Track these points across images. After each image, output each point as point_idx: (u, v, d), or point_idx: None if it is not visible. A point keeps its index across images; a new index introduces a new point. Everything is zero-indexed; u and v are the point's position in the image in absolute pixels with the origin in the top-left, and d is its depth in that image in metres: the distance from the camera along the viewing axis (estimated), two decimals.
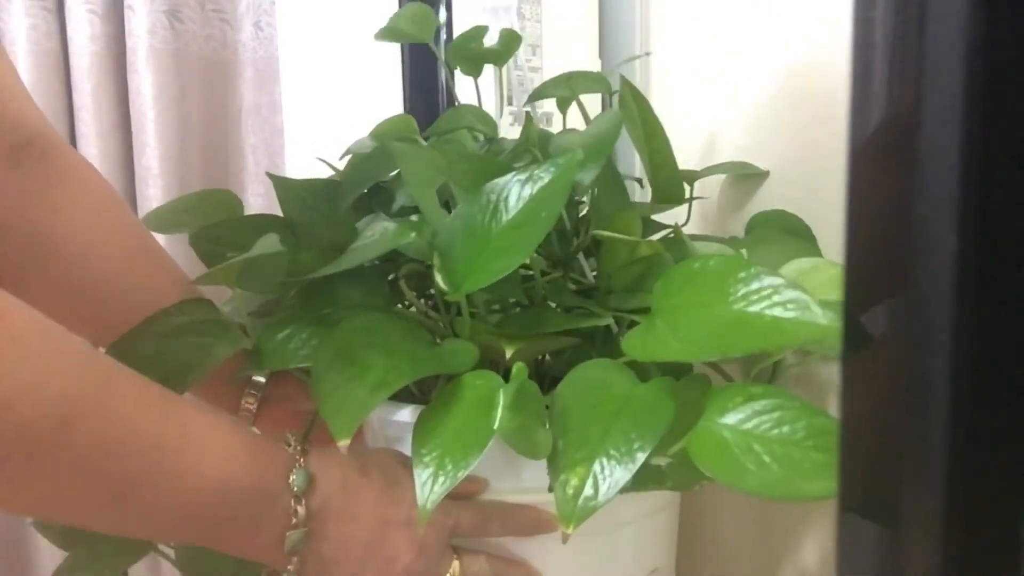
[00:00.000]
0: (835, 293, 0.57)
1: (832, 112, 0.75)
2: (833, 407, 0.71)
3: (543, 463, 0.57)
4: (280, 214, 0.76)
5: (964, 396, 0.25)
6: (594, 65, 1.02)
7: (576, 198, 0.70)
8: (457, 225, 0.61)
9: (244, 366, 0.67)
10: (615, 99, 0.78)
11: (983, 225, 0.24)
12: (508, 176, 0.61)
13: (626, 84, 0.71)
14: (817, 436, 0.53)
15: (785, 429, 0.54)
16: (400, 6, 0.98)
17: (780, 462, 0.52)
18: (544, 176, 0.61)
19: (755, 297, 0.54)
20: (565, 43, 1.03)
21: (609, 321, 0.66)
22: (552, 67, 1.01)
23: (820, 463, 0.51)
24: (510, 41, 0.83)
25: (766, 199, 0.83)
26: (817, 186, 0.78)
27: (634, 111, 0.71)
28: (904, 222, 0.25)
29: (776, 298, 0.53)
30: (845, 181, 0.28)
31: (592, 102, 0.88)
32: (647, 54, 0.93)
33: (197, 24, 1.30)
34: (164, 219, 0.80)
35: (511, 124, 0.99)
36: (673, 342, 0.55)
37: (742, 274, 0.55)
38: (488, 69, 0.86)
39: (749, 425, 0.54)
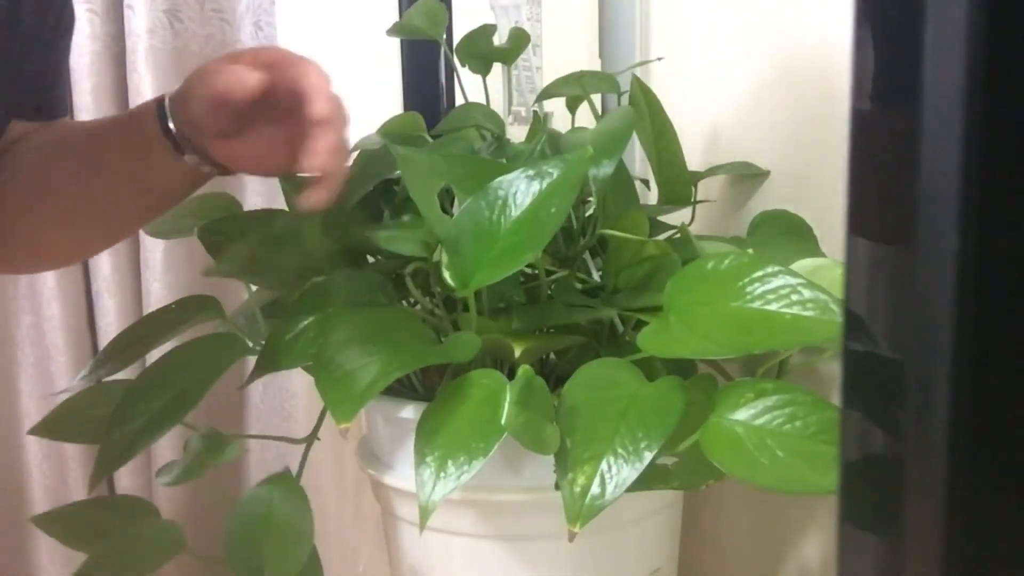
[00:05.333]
0: (840, 294, 0.58)
1: (832, 112, 0.75)
2: (837, 403, 0.71)
3: (546, 462, 0.57)
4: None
5: (965, 399, 0.25)
6: (594, 65, 1.02)
7: (586, 197, 0.70)
8: (465, 221, 0.61)
9: (255, 369, 0.67)
10: (623, 99, 0.78)
11: (984, 224, 0.24)
12: (516, 172, 0.61)
13: (637, 83, 0.72)
14: (829, 430, 0.53)
15: (797, 424, 0.54)
16: (400, 6, 0.98)
17: (793, 456, 0.52)
18: (553, 172, 0.61)
19: (773, 296, 0.54)
20: (565, 43, 1.03)
21: (613, 315, 0.66)
22: (552, 67, 1.01)
23: (833, 457, 0.51)
24: (519, 40, 0.84)
25: (767, 199, 0.83)
26: (817, 185, 0.78)
27: (644, 110, 0.71)
28: (905, 221, 0.25)
29: (795, 297, 0.54)
30: (846, 180, 0.28)
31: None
32: (659, 59, 0.93)
33: (197, 24, 1.30)
34: (164, 225, 0.79)
35: (511, 123, 0.99)
36: (692, 339, 0.56)
37: (759, 273, 0.55)
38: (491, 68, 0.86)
39: (761, 420, 0.55)
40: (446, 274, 0.60)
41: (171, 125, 0.65)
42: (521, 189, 0.61)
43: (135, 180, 0.68)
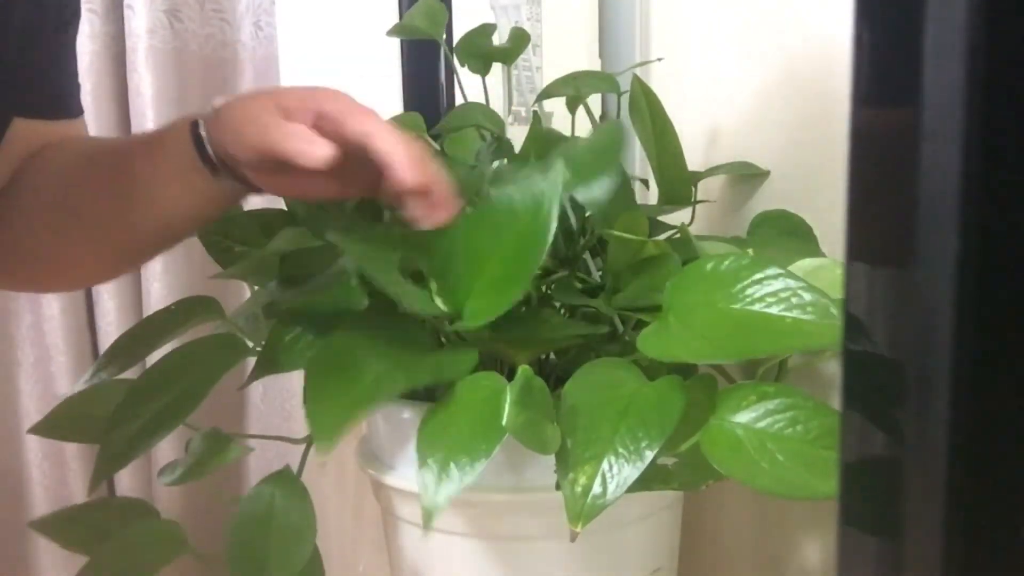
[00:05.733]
0: (840, 294, 0.58)
1: (832, 111, 0.75)
2: (837, 404, 0.71)
3: (546, 462, 0.57)
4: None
5: (965, 401, 0.25)
6: (594, 65, 1.02)
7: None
8: (452, 247, 0.60)
9: (254, 370, 0.67)
10: (623, 99, 0.78)
11: (984, 226, 0.24)
12: (501, 192, 0.61)
13: (638, 83, 0.72)
14: (830, 435, 0.53)
15: (799, 428, 0.54)
16: (400, 6, 0.98)
17: (794, 461, 0.52)
18: (523, 213, 0.60)
19: (773, 299, 0.54)
20: (565, 43, 1.03)
21: (605, 331, 0.66)
22: (552, 67, 1.01)
23: (833, 462, 0.51)
24: (519, 39, 0.84)
25: (767, 199, 0.84)
26: (817, 185, 0.78)
27: (645, 111, 0.71)
28: (905, 221, 0.25)
29: (795, 300, 0.54)
30: (846, 180, 0.28)
31: (591, 102, 0.88)
32: (659, 59, 0.93)
33: (197, 24, 1.30)
34: None
35: (511, 123, 0.99)
36: (692, 341, 0.55)
37: (759, 275, 0.55)
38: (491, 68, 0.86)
39: (763, 424, 0.55)
40: (437, 301, 0.60)
41: (209, 151, 0.64)
42: (506, 211, 0.59)
43: (166, 202, 0.67)
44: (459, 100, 0.86)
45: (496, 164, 0.74)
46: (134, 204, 0.67)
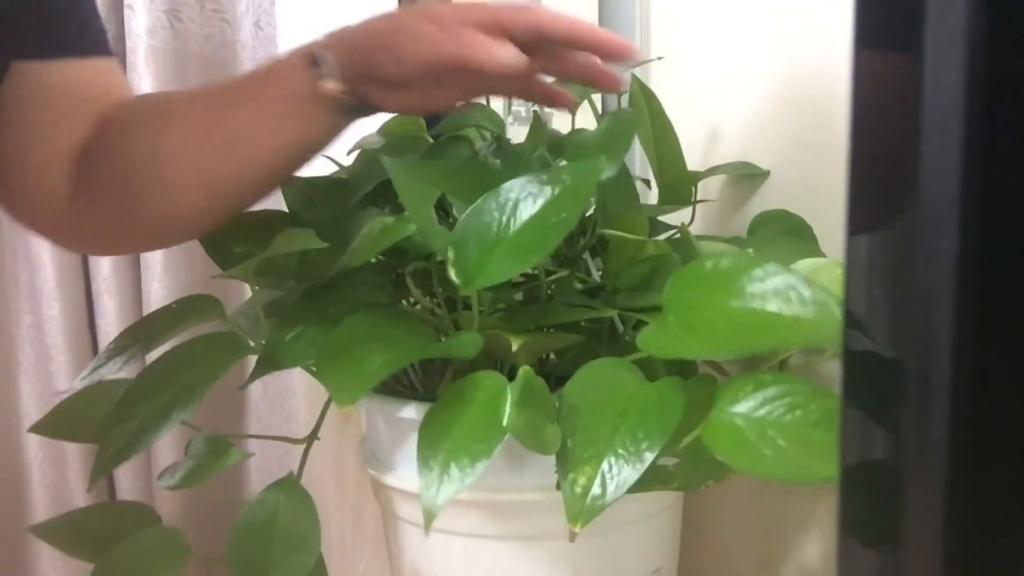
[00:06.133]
0: (840, 294, 0.58)
1: (833, 112, 0.75)
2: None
3: (546, 462, 0.57)
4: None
5: (966, 399, 0.25)
6: None
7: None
8: (474, 220, 0.61)
9: (256, 369, 0.67)
10: (623, 99, 0.78)
11: (985, 225, 0.24)
12: (528, 176, 0.61)
13: (637, 83, 0.72)
14: (830, 418, 0.53)
15: (798, 413, 0.54)
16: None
17: (795, 445, 0.52)
18: (566, 179, 0.61)
19: (772, 295, 0.54)
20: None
21: (613, 313, 0.66)
22: None
23: (835, 444, 0.52)
24: None
25: (767, 199, 0.83)
26: (817, 186, 0.78)
27: (644, 111, 0.71)
28: (905, 222, 0.25)
29: (794, 296, 0.54)
30: (846, 180, 0.28)
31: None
32: (659, 58, 0.93)
33: (197, 24, 1.30)
34: None
35: (511, 123, 0.99)
36: (691, 340, 0.55)
37: (758, 272, 0.55)
38: None
39: (762, 412, 0.55)
40: (451, 271, 0.60)
41: (336, 78, 0.65)
42: (532, 193, 0.61)
43: (273, 143, 0.67)
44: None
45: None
46: (239, 151, 0.67)
